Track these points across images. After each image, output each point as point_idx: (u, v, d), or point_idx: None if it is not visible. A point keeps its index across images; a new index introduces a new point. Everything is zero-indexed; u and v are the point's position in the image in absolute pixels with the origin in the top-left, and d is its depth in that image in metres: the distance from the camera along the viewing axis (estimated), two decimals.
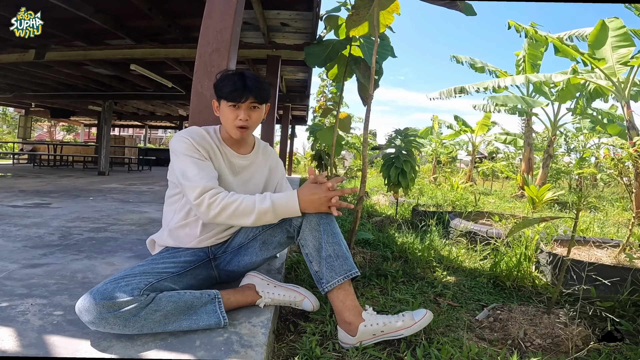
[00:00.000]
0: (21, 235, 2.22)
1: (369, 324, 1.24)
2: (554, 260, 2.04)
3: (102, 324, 1.07)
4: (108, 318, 1.07)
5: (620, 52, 5.29)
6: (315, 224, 1.33)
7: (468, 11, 1.94)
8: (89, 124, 17.07)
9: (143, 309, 1.10)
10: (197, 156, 1.35)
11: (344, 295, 1.29)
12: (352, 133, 11.16)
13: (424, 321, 1.28)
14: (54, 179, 6.30)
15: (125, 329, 1.08)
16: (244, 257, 1.47)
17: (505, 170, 11.25)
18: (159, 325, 1.12)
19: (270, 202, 1.27)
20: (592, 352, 1.31)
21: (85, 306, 1.08)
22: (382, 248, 2.63)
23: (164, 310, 1.13)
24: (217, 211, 1.25)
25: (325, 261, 1.30)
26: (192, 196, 1.26)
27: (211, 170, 1.36)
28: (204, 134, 1.42)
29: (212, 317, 1.20)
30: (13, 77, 7.20)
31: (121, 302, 1.08)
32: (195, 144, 1.36)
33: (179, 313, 1.16)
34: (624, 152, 2.44)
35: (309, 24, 4.17)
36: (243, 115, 1.38)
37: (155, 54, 5.05)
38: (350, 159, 13.28)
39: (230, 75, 1.40)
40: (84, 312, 1.08)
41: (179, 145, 1.36)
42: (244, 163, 1.51)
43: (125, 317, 1.08)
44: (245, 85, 1.36)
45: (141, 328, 1.10)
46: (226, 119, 1.40)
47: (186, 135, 1.38)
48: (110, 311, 1.07)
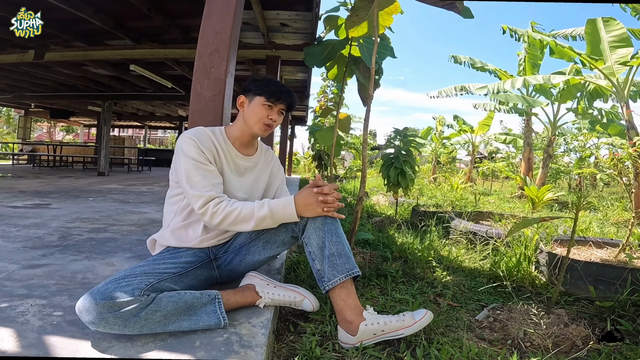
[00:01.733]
0: (21, 236, 2.22)
1: (370, 323, 1.25)
2: (554, 260, 2.04)
3: (102, 324, 1.07)
4: (108, 318, 1.06)
5: (619, 52, 5.29)
6: (320, 223, 1.36)
7: (466, 13, 1.95)
8: (89, 125, 17.07)
9: (143, 309, 1.10)
10: (202, 160, 1.37)
11: (346, 294, 1.30)
12: (351, 133, 11.17)
13: (424, 321, 1.28)
14: (53, 179, 6.29)
15: (126, 329, 1.08)
16: (245, 256, 1.47)
17: (505, 171, 11.26)
18: (159, 326, 1.12)
19: (269, 208, 1.33)
20: (592, 352, 1.31)
21: (86, 306, 1.08)
22: (381, 248, 2.63)
23: (164, 311, 1.13)
24: (219, 219, 1.31)
25: (328, 259, 1.31)
26: (197, 205, 1.32)
27: (215, 176, 1.39)
28: (210, 135, 1.45)
29: (212, 317, 1.20)
30: (12, 78, 7.20)
31: (122, 302, 1.08)
32: (201, 146, 1.38)
33: (179, 313, 1.16)
34: (624, 152, 2.44)
35: (309, 24, 4.17)
36: (275, 116, 1.49)
37: (155, 55, 5.06)
38: (349, 159, 13.28)
39: (274, 79, 1.57)
40: (84, 312, 1.08)
41: (186, 146, 1.38)
42: (248, 164, 1.55)
43: (125, 318, 1.07)
44: (287, 91, 1.50)
45: (141, 328, 1.10)
46: (256, 114, 1.46)
47: (193, 136, 1.40)
48: (110, 311, 1.07)
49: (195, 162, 1.36)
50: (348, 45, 2.41)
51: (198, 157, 1.37)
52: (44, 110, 11.91)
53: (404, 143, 3.65)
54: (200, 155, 1.37)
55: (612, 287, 1.78)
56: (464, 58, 8.43)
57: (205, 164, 1.37)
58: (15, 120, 20.16)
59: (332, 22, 2.53)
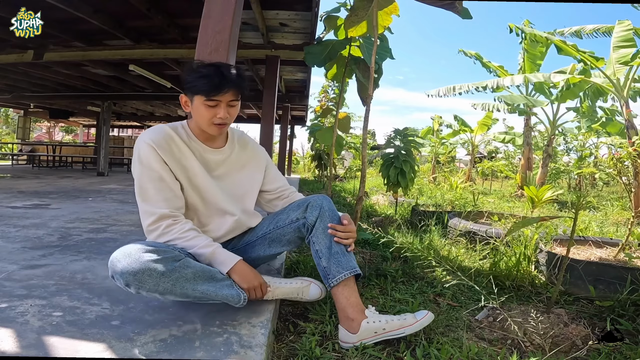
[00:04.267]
0: (20, 236, 2.22)
1: (371, 321, 1.26)
2: (553, 260, 2.04)
3: (139, 274, 1.07)
4: (148, 263, 1.08)
5: (621, 52, 5.30)
6: (328, 222, 1.38)
7: (464, 14, 1.95)
8: (88, 125, 17.06)
9: (177, 261, 1.13)
10: (157, 168, 1.25)
11: (349, 292, 1.32)
12: (351, 133, 11.16)
13: (425, 320, 1.29)
14: (53, 179, 6.29)
15: (160, 282, 1.09)
16: (250, 254, 1.47)
17: (505, 170, 11.26)
18: (189, 284, 1.13)
19: (212, 250, 1.26)
20: (592, 352, 1.31)
21: (127, 251, 1.10)
22: (381, 248, 2.63)
23: (193, 269, 1.15)
24: (165, 240, 1.23)
25: (334, 257, 1.34)
26: (147, 222, 1.24)
27: (170, 189, 1.28)
28: (171, 135, 1.31)
29: (232, 290, 1.23)
30: (11, 78, 7.19)
31: (160, 250, 1.12)
32: (160, 151, 1.26)
33: (205, 278, 1.18)
34: (624, 151, 2.44)
35: (308, 24, 4.17)
36: (223, 113, 1.28)
37: (154, 55, 5.05)
38: (349, 159, 13.27)
39: (205, 68, 1.27)
40: (121, 257, 1.09)
41: (143, 151, 1.26)
42: (219, 157, 1.41)
43: (163, 266, 1.09)
44: (226, 74, 1.26)
45: (174, 283, 1.11)
46: (202, 117, 1.29)
47: (150, 141, 1.26)
48: (151, 255, 1.09)
49: (150, 171, 1.25)
50: (348, 46, 2.42)
51: (154, 166, 1.25)
52: (43, 111, 11.90)
53: (404, 143, 3.66)
54: (158, 164, 1.25)
55: (611, 287, 1.78)
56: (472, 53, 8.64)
57: (161, 175, 1.26)
58: (14, 121, 20.16)
59: (331, 22, 2.53)
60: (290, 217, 1.44)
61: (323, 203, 1.41)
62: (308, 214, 1.40)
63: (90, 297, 1.36)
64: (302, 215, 1.41)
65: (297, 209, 1.44)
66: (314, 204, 1.41)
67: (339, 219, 1.40)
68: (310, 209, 1.40)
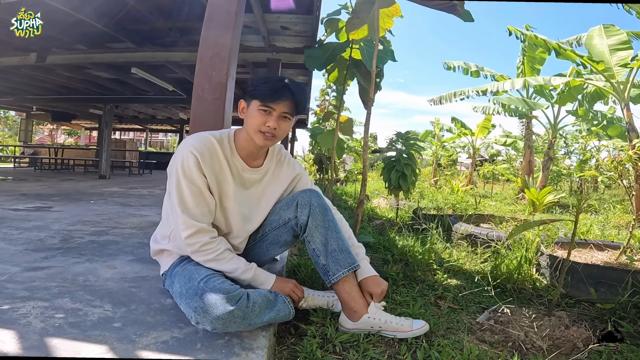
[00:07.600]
0: (22, 239, 2.23)
1: (372, 316, 1.34)
2: (555, 263, 2.04)
3: (228, 318, 1.08)
4: (233, 311, 1.09)
5: (619, 54, 5.31)
6: (320, 220, 1.39)
7: (466, 17, 1.96)
8: (90, 128, 17.09)
9: (247, 299, 1.14)
10: (199, 183, 1.28)
11: (349, 287, 1.37)
12: (353, 137, 11.15)
13: (419, 331, 1.37)
14: (55, 182, 6.31)
15: (244, 322, 1.12)
16: (251, 258, 1.46)
17: (506, 173, 11.25)
18: (257, 318, 1.15)
19: (252, 275, 1.33)
20: (593, 354, 1.31)
21: (211, 302, 1.10)
22: (382, 251, 2.63)
23: (258, 304, 1.17)
24: (200, 258, 1.29)
25: (331, 255, 1.37)
26: (185, 233, 1.26)
27: (208, 203, 1.31)
28: (215, 148, 1.32)
29: (286, 307, 1.25)
30: (14, 81, 7.23)
31: (234, 295, 1.13)
32: (203, 165, 1.28)
33: (266, 307, 1.19)
34: (625, 154, 2.44)
35: (309, 27, 4.19)
36: (273, 122, 1.27)
37: (156, 57, 5.08)
38: (350, 162, 13.27)
39: (271, 76, 1.37)
40: (210, 308, 1.09)
41: (186, 162, 1.27)
42: (255, 177, 1.43)
43: (242, 308, 1.11)
44: (286, 86, 1.28)
45: (249, 322, 1.13)
46: (253, 121, 1.29)
47: (196, 151, 1.27)
48: (232, 304, 1.10)
49: (191, 184, 1.26)
50: (349, 48, 2.42)
51: (196, 180, 1.27)
52: (45, 113, 11.92)
53: (406, 146, 3.66)
54: (199, 178, 1.27)
55: (613, 289, 1.78)
56: (457, 63, 8.13)
57: (201, 188, 1.28)
58: (15, 123, 20.23)
59: (333, 25, 2.54)
60: (282, 217, 1.45)
61: (312, 199, 1.40)
62: (299, 213, 1.40)
63: (92, 299, 1.37)
64: (294, 215, 1.42)
65: (287, 208, 1.44)
66: (302, 202, 1.41)
67: (329, 210, 1.42)
68: (300, 207, 1.41)
